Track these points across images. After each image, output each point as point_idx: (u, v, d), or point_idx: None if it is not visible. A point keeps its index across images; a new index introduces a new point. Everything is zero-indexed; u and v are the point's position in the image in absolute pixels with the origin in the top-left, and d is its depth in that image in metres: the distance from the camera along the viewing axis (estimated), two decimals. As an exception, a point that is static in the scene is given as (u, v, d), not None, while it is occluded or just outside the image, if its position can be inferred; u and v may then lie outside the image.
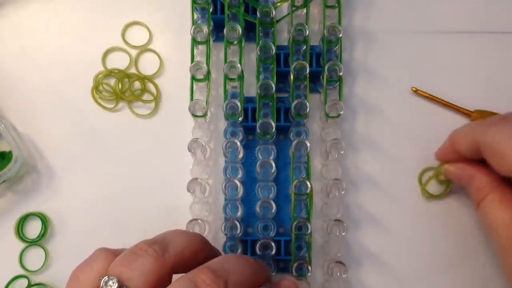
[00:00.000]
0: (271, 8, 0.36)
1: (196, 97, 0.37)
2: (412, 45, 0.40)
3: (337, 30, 0.37)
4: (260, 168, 0.35)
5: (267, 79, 0.36)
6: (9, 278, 0.38)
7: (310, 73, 0.37)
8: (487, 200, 0.32)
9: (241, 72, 0.36)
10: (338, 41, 0.37)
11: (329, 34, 0.37)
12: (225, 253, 0.36)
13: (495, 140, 0.30)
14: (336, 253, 0.36)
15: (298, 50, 0.37)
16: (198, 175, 0.37)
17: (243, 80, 0.37)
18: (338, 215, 0.36)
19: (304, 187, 0.35)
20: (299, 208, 0.36)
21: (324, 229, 0.37)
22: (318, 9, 0.40)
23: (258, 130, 0.36)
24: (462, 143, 0.33)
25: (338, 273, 0.35)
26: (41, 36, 0.41)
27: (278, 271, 0.36)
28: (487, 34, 0.41)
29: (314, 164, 0.39)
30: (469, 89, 0.40)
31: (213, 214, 0.39)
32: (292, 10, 0.38)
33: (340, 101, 0.37)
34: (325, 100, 0.37)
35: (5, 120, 0.39)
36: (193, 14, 0.38)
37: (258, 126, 0.36)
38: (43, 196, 0.39)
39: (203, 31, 0.37)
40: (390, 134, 0.40)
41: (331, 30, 0.37)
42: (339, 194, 0.36)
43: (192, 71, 0.37)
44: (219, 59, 0.40)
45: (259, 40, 0.37)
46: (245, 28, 0.38)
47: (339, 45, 0.37)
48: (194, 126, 0.38)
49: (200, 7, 0.37)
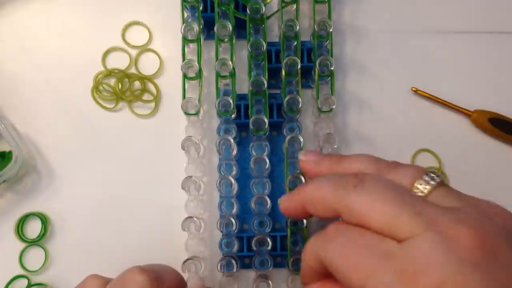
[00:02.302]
0: (261, 4, 0.36)
1: (188, 95, 0.37)
2: (412, 45, 0.41)
3: (327, 25, 0.37)
4: (254, 165, 0.35)
5: (259, 75, 0.36)
6: (9, 278, 0.38)
7: (301, 69, 0.37)
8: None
9: (233, 69, 0.37)
10: (328, 36, 0.37)
11: (320, 29, 0.37)
12: (221, 250, 0.36)
13: (332, 258, 0.25)
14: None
15: (289, 46, 0.38)
16: (192, 173, 0.37)
17: (235, 77, 0.37)
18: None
19: (299, 182, 0.35)
20: (294, 203, 0.36)
21: (318, 223, 0.37)
22: (308, 5, 0.40)
23: (251, 127, 0.36)
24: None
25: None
26: (41, 36, 0.41)
27: (275, 267, 0.37)
28: (487, 34, 0.41)
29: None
30: (469, 89, 0.40)
31: (209, 212, 0.39)
32: (282, 6, 0.38)
33: (332, 96, 0.37)
34: (317, 95, 0.37)
35: (5, 120, 0.39)
36: (183, 12, 0.38)
37: (251, 123, 0.36)
38: (43, 196, 0.39)
39: (193, 29, 0.37)
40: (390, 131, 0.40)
41: (321, 25, 0.37)
42: (333, 188, 0.36)
43: (184, 69, 0.37)
44: (210, 57, 0.40)
45: (250, 37, 0.37)
46: (235, 26, 0.38)
47: (329, 40, 0.38)
48: (187, 125, 0.38)
49: (190, 6, 0.37)
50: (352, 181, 0.26)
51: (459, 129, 0.40)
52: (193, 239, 0.36)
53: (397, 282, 0.22)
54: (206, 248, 0.38)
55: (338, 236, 0.25)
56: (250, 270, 0.38)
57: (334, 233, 0.26)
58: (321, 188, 0.27)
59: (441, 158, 0.39)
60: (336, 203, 0.26)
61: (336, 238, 0.25)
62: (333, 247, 0.25)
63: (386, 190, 0.25)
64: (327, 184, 0.27)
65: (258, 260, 0.35)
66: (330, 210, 0.27)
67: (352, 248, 0.24)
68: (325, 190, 0.27)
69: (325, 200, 0.27)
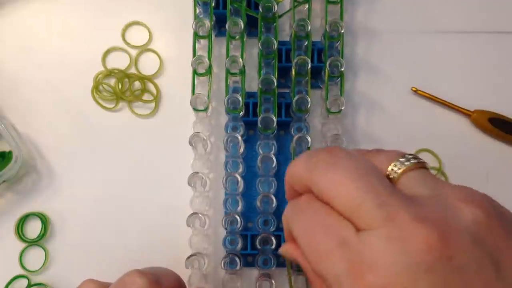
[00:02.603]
0: (273, 3, 0.36)
1: (197, 91, 0.37)
2: (412, 45, 0.41)
3: (339, 26, 0.37)
4: (261, 163, 0.35)
5: (269, 74, 0.36)
6: (9, 278, 0.38)
7: (311, 69, 0.37)
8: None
9: (243, 67, 0.36)
10: (340, 37, 0.37)
11: (331, 30, 0.37)
12: (225, 247, 0.36)
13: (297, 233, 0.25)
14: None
15: (300, 45, 0.37)
16: (199, 169, 0.37)
17: (245, 74, 0.37)
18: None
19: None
20: (300, 203, 0.36)
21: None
22: (320, 5, 0.40)
23: (259, 125, 0.36)
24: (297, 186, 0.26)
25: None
26: (41, 36, 0.41)
27: (278, 266, 0.36)
28: (487, 34, 0.41)
29: (315, 159, 0.39)
30: (469, 89, 0.40)
31: (214, 208, 0.39)
32: (294, 5, 0.38)
33: (342, 97, 0.37)
34: (326, 96, 0.37)
35: (5, 120, 0.39)
36: (195, 8, 0.38)
37: (259, 121, 0.36)
38: (43, 196, 0.39)
39: (205, 25, 0.37)
40: (390, 131, 0.40)
41: (333, 25, 0.37)
42: (339, 190, 0.36)
43: (194, 65, 0.37)
44: (221, 55, 0.40)
45: (261, 35, 0.37)
46: (247, 23, 0.38)
47: (340, 40, 0.37)
48: (195, 121, 0.38)
49: (203, 2, 0.37)
50: (324, 156, 0.25)
51: (459, 129, 0.40)
52: (197, 235, 0.36)
53: (346, 274, 0.21)
54: (210, 244, 0.38)
55: (306, 210, 0.25)
56: (253, 268, 0.38)
57: (304, 205, 0.25)
58: (297, 165, 0.26)
59: (441, 158, 0.39)
60: (306, 180, 0.25)
61: (304, 212, 0.25)
62: (300, 222, 0.25)
63: (355, 171, 0.23)
64: (302, 159, 0.26)
65: (262, 259, 0.35)
66: (303, 187, 0.25)
67: (315, 227, 0.24)
68: (299, 166, 0.26)
69: (300, 176, 0.26)
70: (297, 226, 0.25)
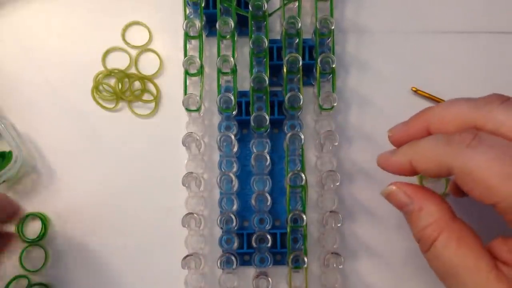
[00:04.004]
0: (263, 1, 0.36)
1: (189, 91, 0.37)
2: (412, 45, 0.40)
3: (329, 22, 0.37)
4: (255, 162, 0.35)
5: (261, 72, 0.36)
6: (9, 278, 0.38)
7: (303, 66, 0.37)
8: (441, 242, 0.27)
9: (234, 66, 0.37)
10: (330, 34, 0.37)
11: (321, 27, 0.37)
12: (221, 247, 0.36)
13: (475, 167, 0.25)
14: (332, 244, 0.36)
15: (291, 43, 0.38)
16: (193, 169, 0.37)
17: (237, 74, 0.37)
18: (333, 207, 0.36)
19: (299, 179, 0.35)
20: (295, 201, 0.36)
21: (319, 222, 0.37)
22: (310, 2, 0.40)
23: (252, 124, 0.36)
24: (425, 165, 0.27)
25: (334, 264, 0.35)
26: (41, 36, 0.41)
27: (275, 264, 0.37)
28: (487, 34, 0.41)
29: (309, 156, 0.39)
30: (469, 89, 0.40)
31: (209, 208, 0.39)
32: (284, 3, 0.38)
33: (334, 93, 0.37)
34: (319, 93, 0.37)
35: (5, 120, 0.38)
36: (185, 9, 0.38)
37: (252, 120, 0.36)
38: (43, 196, 0.39)
39: (195, 25, 0.37)
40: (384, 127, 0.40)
41: (323, 22, 0.37)
42: (333, 186, 0.36)
43: (185, 65, 0.37)
44: (212, 54, 0.40)
45: (252, 34, 0.37)
46: (237, 22, 0.38)
47: (331, 37, 0.38)
48: (188, 121, 0.38)
49: (192, 2, 0.37)
50: (467, 138, 0.25)
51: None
52: (193, 235, 0.36)
53: None
54: (206, 244, 0.38)
55: (488, 140, 0.25)
56: (250, 267, 0.38)
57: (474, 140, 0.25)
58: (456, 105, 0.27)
59: None
60: (448, 161, 0.25)
61: (476, 146, 0.25)
62: (478, 155, 0.24)
63: (503, 149, 0.24)
64: (435, 142, 0.27)
65: (258, 257, 0.35)
66: (441, 167, 0.26)
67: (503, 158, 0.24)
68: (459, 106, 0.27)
69: (436, 156, 0.26)
70: (473, 158, 0.25)
